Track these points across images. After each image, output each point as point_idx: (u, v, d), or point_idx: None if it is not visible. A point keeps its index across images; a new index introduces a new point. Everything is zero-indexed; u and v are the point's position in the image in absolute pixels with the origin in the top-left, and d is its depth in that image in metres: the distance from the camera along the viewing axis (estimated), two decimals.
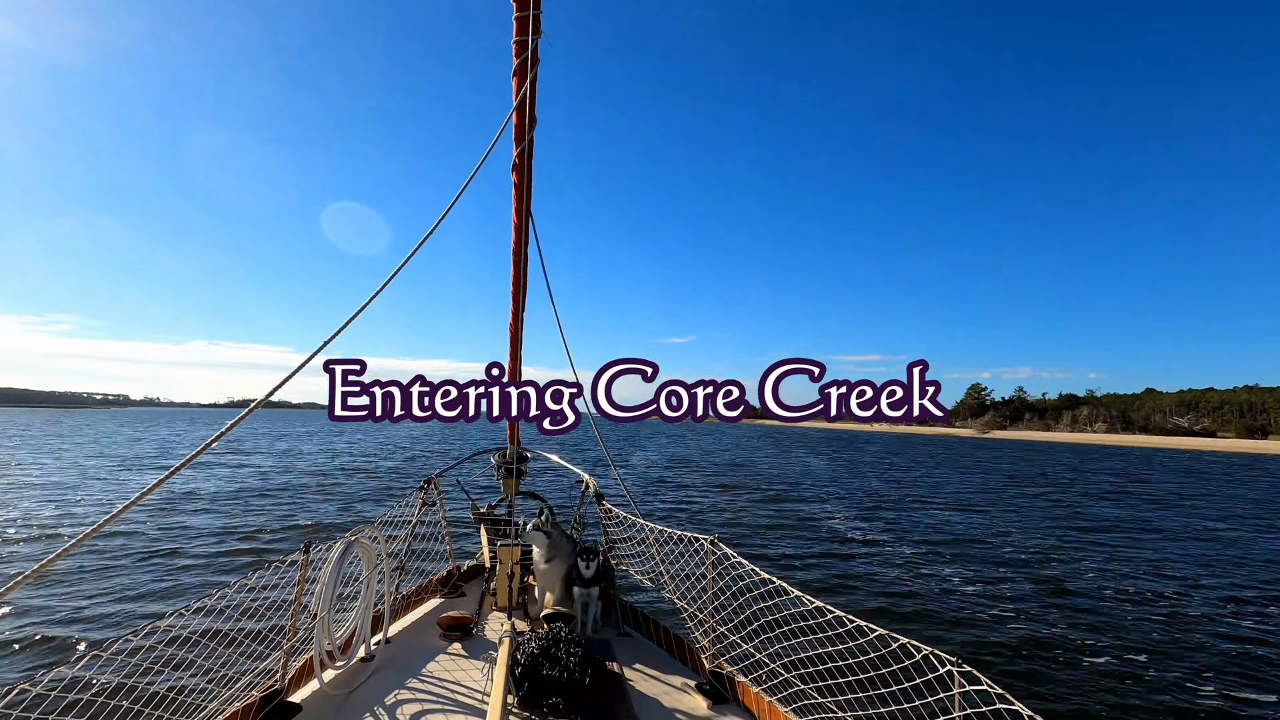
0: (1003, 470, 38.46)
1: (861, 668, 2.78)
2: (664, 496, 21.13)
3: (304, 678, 3.29)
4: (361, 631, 3.55)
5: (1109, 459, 56.89)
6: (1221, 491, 29.35)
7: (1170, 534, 16.72)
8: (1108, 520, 18.87)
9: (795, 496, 21.92)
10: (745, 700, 3.33)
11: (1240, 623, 9.03)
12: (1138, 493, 27.49)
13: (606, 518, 4.87)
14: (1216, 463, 55.77)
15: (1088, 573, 11.83)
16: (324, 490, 20.45)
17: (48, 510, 15.69)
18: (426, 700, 3.21)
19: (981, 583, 10.83)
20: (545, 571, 4.28)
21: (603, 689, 3.15)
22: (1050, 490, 27.44)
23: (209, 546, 12.05)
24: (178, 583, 9.70)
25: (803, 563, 11.89)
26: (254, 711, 2.90)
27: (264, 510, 16.14)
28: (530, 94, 3.93)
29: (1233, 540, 15.94)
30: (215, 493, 19.19)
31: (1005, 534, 15.76)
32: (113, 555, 11.02)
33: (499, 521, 5.37)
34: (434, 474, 5.20)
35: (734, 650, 3.50)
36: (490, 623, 4.33)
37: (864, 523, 16.79)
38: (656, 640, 4.17)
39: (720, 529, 14.68)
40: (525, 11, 3.76)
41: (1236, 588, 11.07)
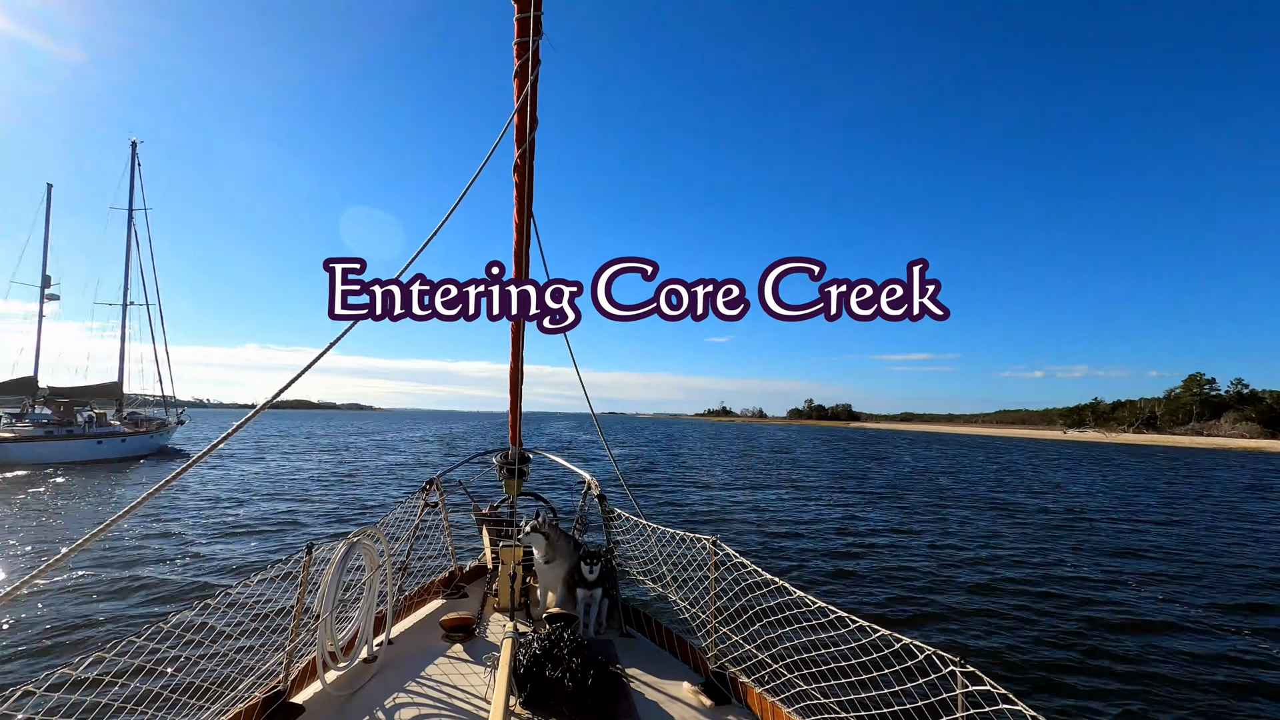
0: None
1: (864, 668, 2.78)
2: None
3: (307, 679, 3.30)
4: (364, 632, 3.55)
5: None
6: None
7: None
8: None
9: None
10: (748, 701, 3.33)
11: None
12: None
13: (609, 518, 4.87)
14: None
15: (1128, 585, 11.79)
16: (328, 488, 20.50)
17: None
18: (429, 701, 3.21)
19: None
20: (546, 572, 4.28)
21: (605, 690, 3.15)
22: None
23: (212, 547, 12.07)
24: (181, 583, 9.71)
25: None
26: (257, 712, 2.91)
27: (259, 509, 16.17)
28: (531, 95, 3.94)
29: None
30: (225, 491, 19.22)
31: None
32: (116, 555, 11.04)
33: (501, 522, 5.37)
34: (436, 475, 5.21)
35: (737, 651, 3.50)
36: (492, 624, 4.33)
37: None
38: (659, 641, 4.17)
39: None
40: (526, 13, 3.77)
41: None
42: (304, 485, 21.78)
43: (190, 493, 18.79)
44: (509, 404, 5.56)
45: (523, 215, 4.46)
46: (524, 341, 5.22)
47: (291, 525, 14.38)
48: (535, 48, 3.87)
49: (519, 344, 5.19)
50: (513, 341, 5.18)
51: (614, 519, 4.84)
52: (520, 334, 5.15)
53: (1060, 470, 37.66)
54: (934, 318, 3.58)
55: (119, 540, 12.09)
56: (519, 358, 5.28)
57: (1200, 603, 9.89)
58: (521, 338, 5.18)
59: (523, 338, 5.19)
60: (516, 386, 5.44)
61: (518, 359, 5.28)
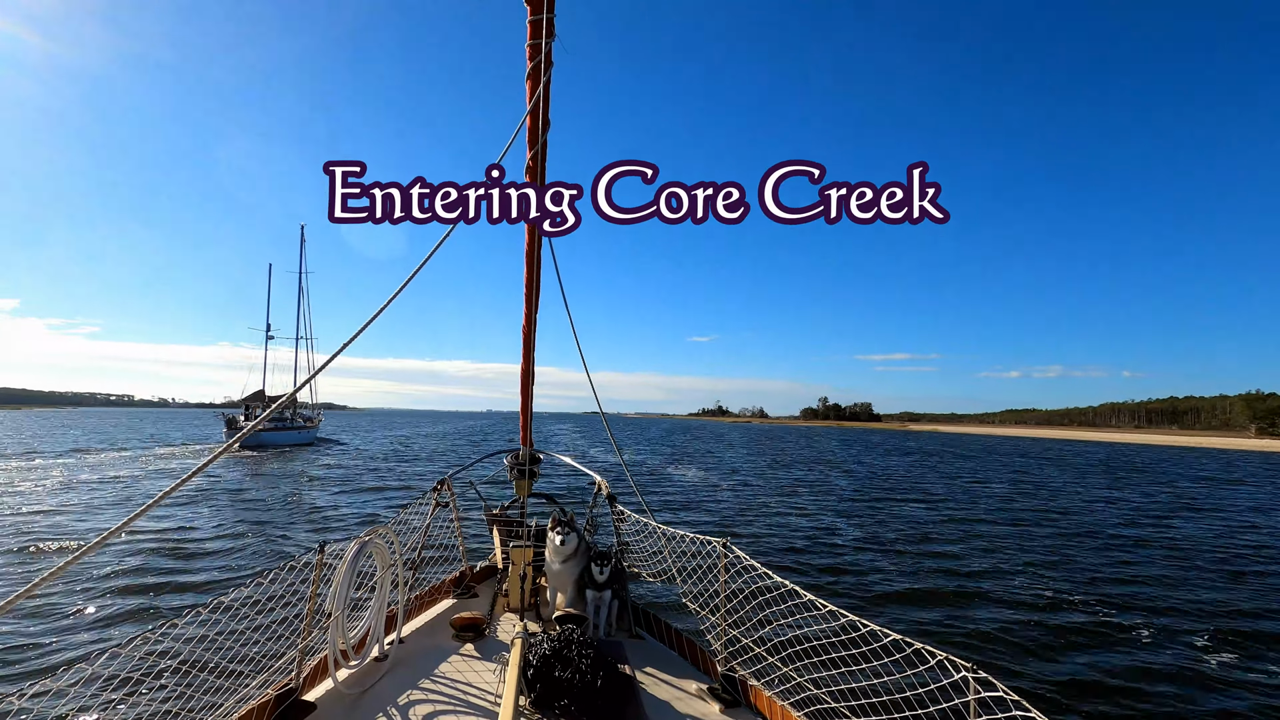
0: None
1: (875, 673, 2.75)
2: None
3: (318, 676, 3.32)
4: (375, 631, 3.57)
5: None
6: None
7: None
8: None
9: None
10: (758, 704, 3.31)
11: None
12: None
13: (619, 519, 4.87)
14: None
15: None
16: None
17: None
18: (439, 700, 3.22)
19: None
20: (557, 573, 4.29)
21: (614, 691, 3.15)
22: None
23: (225, 545, 12.19)
24: (194, 581, 9.82)
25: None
26: (269, 709, 2.93)
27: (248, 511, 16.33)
28: (544, 97, 3.95)
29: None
30: (231, 492, 19.42)
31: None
32: (130, 554, 11.18)
33: (511, 523, 5.38)
34: (447, 475, 5.23)
35: (747, 654, 3.48)
36: (502, 624, 4.34)
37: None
38: (668, 643, 4.16)
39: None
40: (539, 15, 3.78)
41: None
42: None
43: (205, 493, 18.96)
44: (520, 404, 5.57)
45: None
46: (534, 343, 5.24)
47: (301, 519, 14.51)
48: (548, 50, 3.88)
49: (530, 345, 5.21)
50: (525, 342, 5.20)
51: (624, 520, 4.84)
52: (532, 335, 5.17)
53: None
54: (934, 220, 3.53)
55: (134, 538, 12.25)
56: (530, 359, 5.30)
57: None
58: (533, 339, 5.20)
59: (534, 339, 5.21)
60: (527, 387, 5.45)
61: (529, 360, 5.30)
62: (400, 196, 3.55)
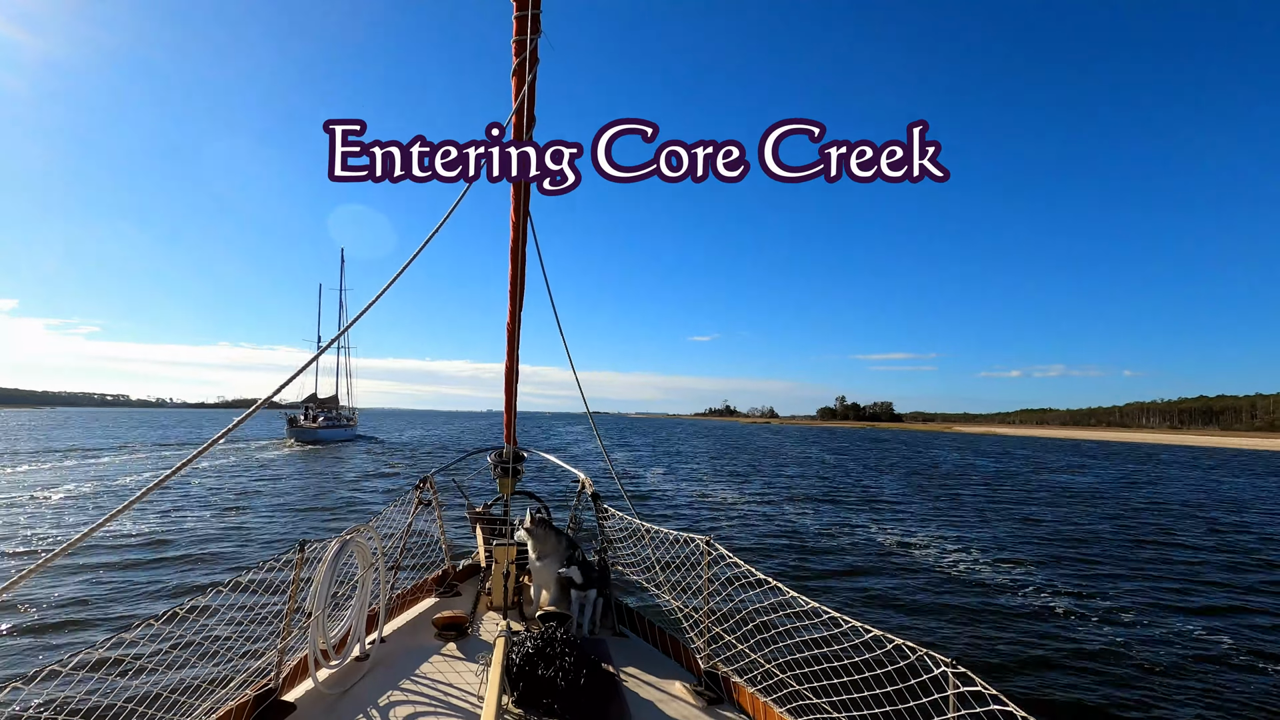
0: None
1: (857, 668, 2.78)
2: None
3: (298, 677, 3.28)
4: (356, 630, 3.53)
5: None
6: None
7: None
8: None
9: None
10: (741, 701, 3.33)
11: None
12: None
13: (603, 518, 4.87)
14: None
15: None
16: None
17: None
18: (421, 700, 3.20)
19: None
20: (539, 570, 4.28)
21: (598, 689, 3.15)
22: None
23: (202, 544, 11.99)
24: (171, 581, 9.65)
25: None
26: (248, 710, 2.89)
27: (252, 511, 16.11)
28: (529, 94, 3.93)
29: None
30: (209, 492, 19.11)
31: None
32: (106, 553, 10.96)
33: (495, 521, 5.36)
34: (430, 473, 5.19)
35: (730, 651, 3.50)
36: (485, 622, 4.32)
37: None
38: (652, 641, 4.17)
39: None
40: (525, 11, 3.76)
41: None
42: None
43: (181, 491, 18.70)
44: (504, 403, 5.55)
45: (520, 214, 4.46)
46: (519, 341, 5.21)
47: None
48: (534, 46, 3.86)
49: (514, 342, 5.19)
50: (509, 339, 5.17)
51: (608, 518, 4.83)
52: (516, 333, 5.14)
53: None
54: (934, 179, 3.53)
55: (109, 538, 12.01)
56: (515, 356, 5.28)
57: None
58: (518, 337, 5.18)
59: (519, 337, 5.19)
60: (512, 384, 5.43)
61: (514, 357, 5.28)
62: (400, 155, 3.53)
